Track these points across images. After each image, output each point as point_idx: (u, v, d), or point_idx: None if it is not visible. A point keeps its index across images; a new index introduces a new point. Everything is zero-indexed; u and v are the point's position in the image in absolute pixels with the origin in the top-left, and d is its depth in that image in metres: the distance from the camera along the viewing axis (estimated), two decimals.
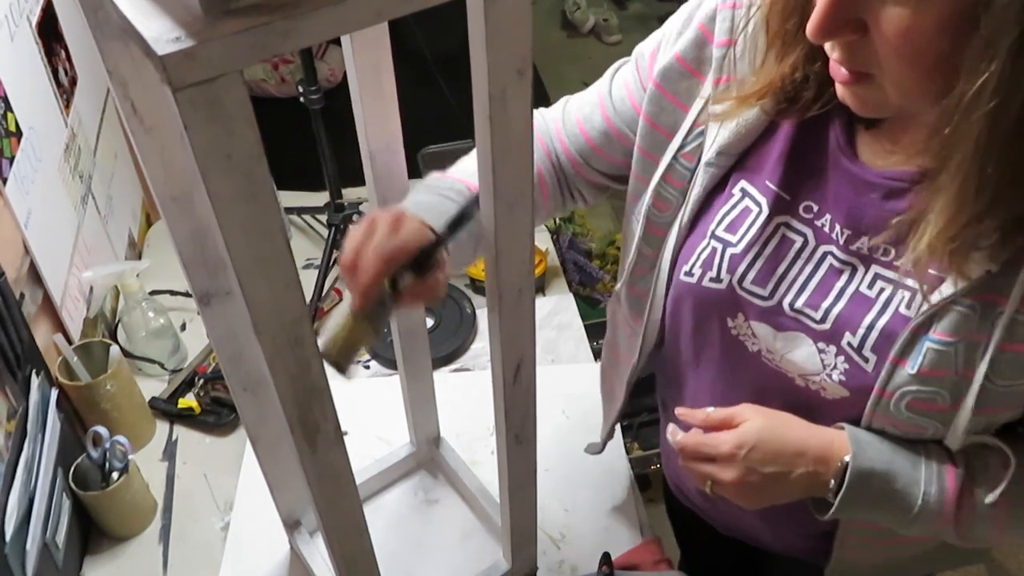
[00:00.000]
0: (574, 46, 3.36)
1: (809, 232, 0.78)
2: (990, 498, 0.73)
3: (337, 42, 2.23)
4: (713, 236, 0.81)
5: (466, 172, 0.87)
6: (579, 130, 0.91)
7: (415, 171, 1.53)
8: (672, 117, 0.82)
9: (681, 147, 0.82)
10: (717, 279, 0.80)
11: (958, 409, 0.71)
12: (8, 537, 0.93)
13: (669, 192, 0.83)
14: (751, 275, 0.79)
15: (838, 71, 0.67)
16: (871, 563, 0.93)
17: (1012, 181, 0.60)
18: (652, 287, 0.87)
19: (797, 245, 0.78)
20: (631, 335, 0.96)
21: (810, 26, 0.63)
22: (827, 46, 0.67)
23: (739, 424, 0.78)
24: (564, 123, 0.93)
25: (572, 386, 1.20)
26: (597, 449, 1.17)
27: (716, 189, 0.82)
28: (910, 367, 0.71)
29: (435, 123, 1.89)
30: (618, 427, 1.24)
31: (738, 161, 0.80)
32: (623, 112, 0.88)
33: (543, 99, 2.83)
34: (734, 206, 0.80)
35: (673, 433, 0.83)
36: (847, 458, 0.75)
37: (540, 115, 0.96)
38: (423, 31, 2.38)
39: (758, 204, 0.79)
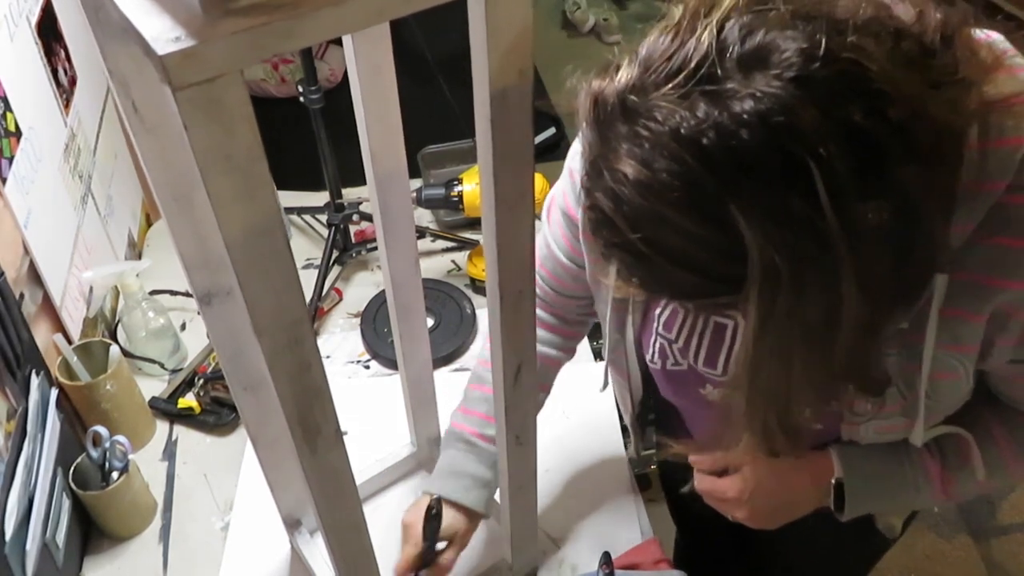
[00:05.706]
0: (574, 46, 3.36)
1: (737, 314, 0.81)
2: (980, 474, 0.81)
3: (337, 42, 2.23)
4: (658, 333, 0.89)
5: (481, 406, 1.03)
6: (557, 284, 1.00)
7: (415, 171, 1.54)
8: None
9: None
10: (677, 363, 0.89)
11: (915, 425, 0.79)
12: (8, 537, 0.93)
13: (619, 298, 0.92)
14: (701, 359, 0.86)
15: None
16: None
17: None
18: (626, 366, 0.97)
19: (731, 327, 0.83)
20: (620, 385, 1.06)
21: None
22: None
23: (740, 467, 0.89)
24: (541, 279, 1.00)
25: (572, 386, 1.20)
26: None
27: None
28: (865, 405, 0.80)
29: (435, 123, 1.89)
30: (618, 427, 1.27)
31: None
32: (576, 259, 0.94)
33: (543, 99, 2.83)
34: (664, 306, 0.88)
35: (696, 474, 0.94)
36: (833, 480, 0.85)
37: None
38: (423, 31, 2.38)
39: (685, 305, 0.84)
